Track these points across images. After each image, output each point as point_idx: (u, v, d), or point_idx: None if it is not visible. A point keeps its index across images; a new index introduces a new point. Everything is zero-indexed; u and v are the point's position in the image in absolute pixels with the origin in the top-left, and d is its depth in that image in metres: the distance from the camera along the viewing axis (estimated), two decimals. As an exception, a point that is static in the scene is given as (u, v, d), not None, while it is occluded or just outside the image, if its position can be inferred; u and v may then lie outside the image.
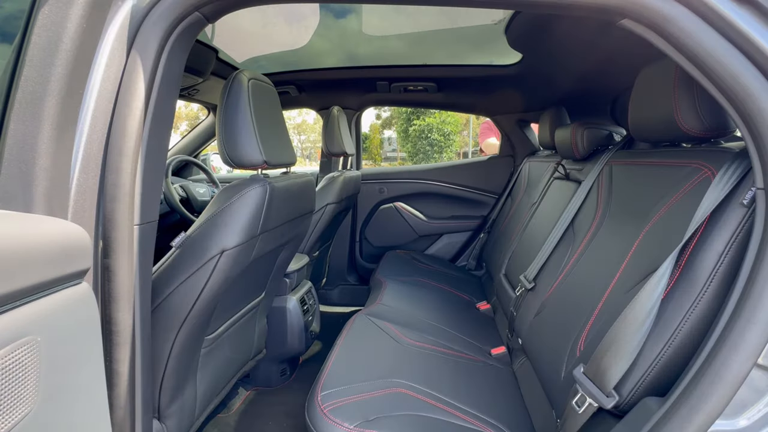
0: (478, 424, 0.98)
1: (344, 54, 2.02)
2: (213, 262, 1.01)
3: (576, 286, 1.15)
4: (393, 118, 4.99)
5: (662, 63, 0.94)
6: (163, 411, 1.06)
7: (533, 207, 1.92)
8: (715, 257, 0.71)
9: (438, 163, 3.26)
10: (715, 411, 0.62)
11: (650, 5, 0.64)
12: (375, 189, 2.74)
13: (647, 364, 0.74)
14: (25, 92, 0.58)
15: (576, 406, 0.83)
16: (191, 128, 2.74)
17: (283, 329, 1.67)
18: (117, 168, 0.69)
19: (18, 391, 0.43)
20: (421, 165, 3.19)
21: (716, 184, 0.74)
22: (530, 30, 1.36)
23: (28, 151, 0.57)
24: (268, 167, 1.11)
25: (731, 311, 0.64)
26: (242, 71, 1.06)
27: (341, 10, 1.54)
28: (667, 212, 0.90)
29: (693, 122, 0.88)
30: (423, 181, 2.74)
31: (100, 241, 0.69)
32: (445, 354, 1.31)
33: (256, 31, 1.77)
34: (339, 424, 0.91)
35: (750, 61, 0.62)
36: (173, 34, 0.73)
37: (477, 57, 1.96)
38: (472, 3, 0.75)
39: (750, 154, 0.66)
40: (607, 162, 1.34)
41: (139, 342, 0.76)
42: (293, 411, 1.60)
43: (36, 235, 0.50)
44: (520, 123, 2.69)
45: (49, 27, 0.59)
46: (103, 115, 0.67)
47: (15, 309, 0.44)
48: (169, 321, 1.02)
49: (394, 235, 2.73)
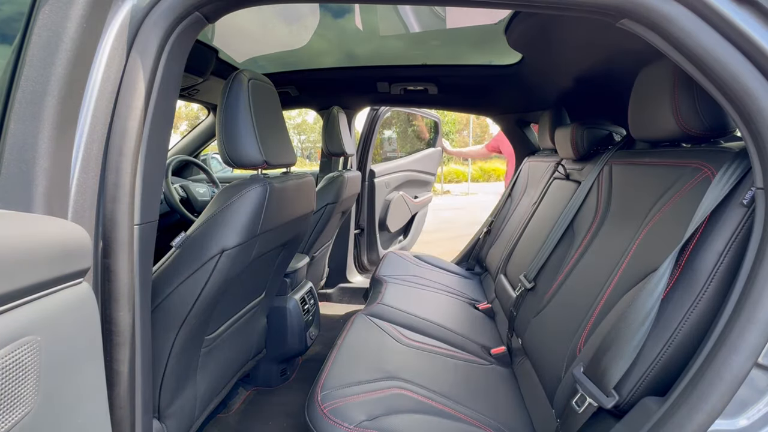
0: (478, 424, 0.98)
1: (344, 54, 2.02)
2: (213, 262, 1.01)
3: (576, 285, 1.15)
4: (393, 118, 4.97)
5: (662, 63, 0.94)
6: (163, 411, 1.06)
7: (533, 207, 1.92)
8: (714, 257, 0.71)
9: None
10: (715, 411, 0.62)
11: (650, 5, 0.64)
12: (383, 183, 2.89)
13: (647, 364, 0.74)
14: (25, 92, 0.58)
15: (576, 405, 0.83)
16: (191, 128, 2.74)
17: (283, 329, 1.67)
18: (117, 168, 0.69)
19: (18, 390, 0.43)
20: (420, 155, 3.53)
21: (716, 184, 0.74)
22: (530, 30, 1.36)
23: (28, 151, 0.57)
24: (268, 167, 1.11)
25: (731, 311, 0.64)
26: (242, 71, 1.06)
27: (341, 10, 1.54)
28: (666, 212, 0.90)
29: (693, 122, 0.88)
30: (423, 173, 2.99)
31: (100, 240, 0.69)
32: (445, 354, 1.31)
33: (256, 31, 1.77)
34: (339, 424, 0.91)
35: (750, 61, 0.62)
36: (173, 34, 0.73)
37: (477, 57, 1.96)
38: (471, 3, 0.75)
39: (750, 154, 0.66)
40: (607, 162, 1.34)
41: (139, 342, 0.76)
42: (293, 411, 1.60)
43: (36, 234, 0.50)
44: (520, 123, 2.69)
45: (50, 27, 0.59)
46: (103, 115, 0.67)
47: (15, 309, 0.44)
48: (169, 321, 1.02)
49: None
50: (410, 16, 1.54)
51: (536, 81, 1.92)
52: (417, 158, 3.42)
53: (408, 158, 3.45)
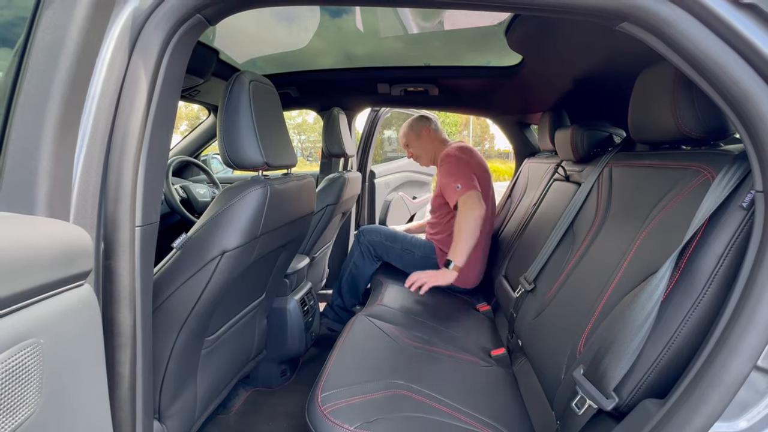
0: (478, 426, 0.99)
1: (344, 55, 2.02)
2: (214, 263, 1.01)
3: (576, 287, 1.15)
4: (393, 119, 4.97)
5: (662, 65, 0.95)
6: (163, 412, 1.06)
7: (533, 208, 1.92)
8: (714, 259, 0.71)
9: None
10: (715, 413, 0.62)
11: (649, 8, 0.64)
12: (383, 184, 2.92)
13: (647, 366, 0.74)
14: (28, 95, 0.58)
15: (575, 407, 0.83)
16: (192, 129, 2.74)
17: (284, 330, 1.67)
18: (119, 170, 0.69)
19: (21, 393, 0.44)
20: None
21: (715, 187, 0.74)
22: (531, 32, 1.36)
23: (30, 153, 0.58)
24: (268, 168, 1.12)
25: (731, 313, 0.64)
26: (243, 73, 1.06)
27: (341, 12, 1.54)
28: (666, 214, 0.90)
29: (692, 124, 0.88)
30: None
31: (101, 242, 0.69)
32: (445, 355, 1.31)
33: (257, 33, 1.77)
34: (339, 425, 0.91)
35: (749, 64, 0.62)
36: (175, 36, 0.74)
37: (477, 58, 1.97)
38: (471, 6, 0.75)
39: (749, 157, 0.67)
40: (607, 164, 1.34)
41: (140, 343, 0.76)
42: (293, 412, 1.60)
43: (38, 237, 0.50)
44: (520, 124, 2.70)
45: (53, 30, 0.59)
46: (105, 117, 0.67)
47: (18, 311, 0.44)
48: (169, 322, 1.02)
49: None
50: (409, 18, 1.55)
51: (536, 82, 1.92)
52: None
53: (408, 158, 3.46)
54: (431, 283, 1.58)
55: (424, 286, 1.60)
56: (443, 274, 1.62)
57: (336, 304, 2.17)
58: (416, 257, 1.99)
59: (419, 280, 1.61)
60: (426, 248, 1.99)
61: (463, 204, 1.73)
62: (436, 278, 1.59)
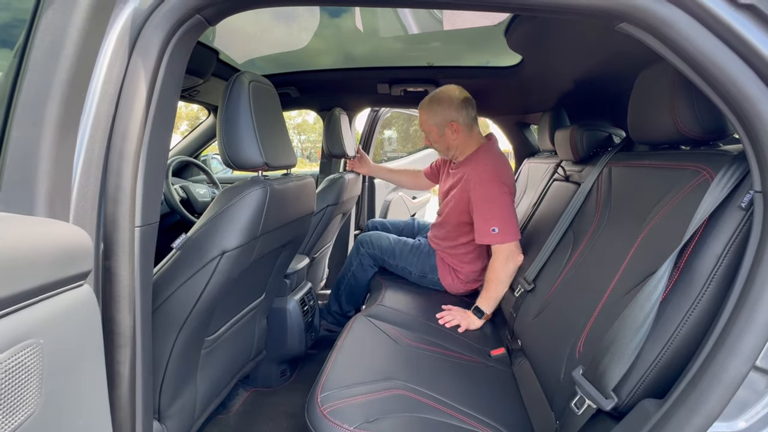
0: (477, 426, 0.99)
1: (344, 55, 2.02)
2: (213, 263, 1.01)
3: (575, 287, 1.15)
4: (393, 119, 4.93)
5: (661, 66, 0.95)
6: (163, 412, 1.06)
7: (533, 208, 1.92)
8: (713, 260, 0.71)
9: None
10: (714, 413, 0.62)
11: (649, 9, 0.64)
12: (383, 183, 2.91)
13: (646, 366, 0.74)
14: (28, 95, 0.58)
15: (575, 407, 0.83)
16: (191, 129, 2.74)
17: (283, 330, 1.67)
18: (118, 170, 0.69)
19: (21, 393, 0.44)
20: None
21: (714, 187, 0.74)
22: (530, 32, 1.36)
23: (30, 154, 0.58)
24: (268, 169, 1.12)
25: (729, 313, 0.64)
26: (243, 73, 1.06)
27: (341, 11, 1.54)
28: (665, 214, 0.90)
29: (691, 125, 0.88)
30: None
31: (101, 243, 0.69)
32: (445, 355, 1.32)
33: (257, 33, 1.77)
34: (339, 425, 0.91)
35: (748, 65, 0.62)
36: (174, 37, 0.74)
37: (477, 58, 1.97)
38: (470, 6, 0.75)
39: (748, 157, 0.67)
40: (606, 164, 1.35)
41: (140, 343, 0.76)
42: (293, 412, 1.60)
43: (38, 237, 0.50)
44: (519, 124, 2.70)
45: (52, 31, 0.59)
46: (104, 117, 0.67)
47: (18, 312, 0.44)
48: (169, 322, 1.02)
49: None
50: (409, 18, 1.55)
51: (536, 83, 1.92)
52: (417, 158, 3.44)
53: (408, 158, 3.47)
54: (463, 327, 1.57)
55: (451, 323, 1.58)
56: (473, 321, 1.59)
57: (333, 310, 2.16)
58: (413, 276, 1.97)
59: (454, 320, 1.58)
60: (424, 268, 1.94)
61: (501, 253, 1.60)
62: (467, 323, 1.57)
